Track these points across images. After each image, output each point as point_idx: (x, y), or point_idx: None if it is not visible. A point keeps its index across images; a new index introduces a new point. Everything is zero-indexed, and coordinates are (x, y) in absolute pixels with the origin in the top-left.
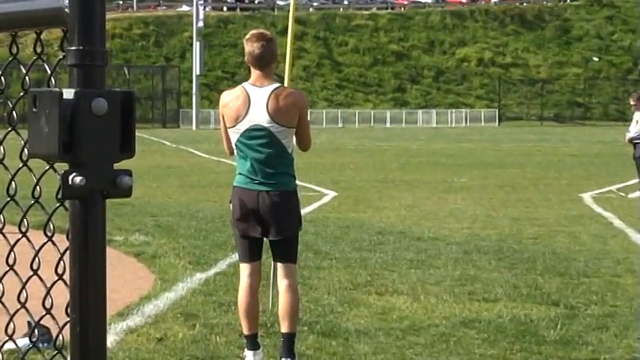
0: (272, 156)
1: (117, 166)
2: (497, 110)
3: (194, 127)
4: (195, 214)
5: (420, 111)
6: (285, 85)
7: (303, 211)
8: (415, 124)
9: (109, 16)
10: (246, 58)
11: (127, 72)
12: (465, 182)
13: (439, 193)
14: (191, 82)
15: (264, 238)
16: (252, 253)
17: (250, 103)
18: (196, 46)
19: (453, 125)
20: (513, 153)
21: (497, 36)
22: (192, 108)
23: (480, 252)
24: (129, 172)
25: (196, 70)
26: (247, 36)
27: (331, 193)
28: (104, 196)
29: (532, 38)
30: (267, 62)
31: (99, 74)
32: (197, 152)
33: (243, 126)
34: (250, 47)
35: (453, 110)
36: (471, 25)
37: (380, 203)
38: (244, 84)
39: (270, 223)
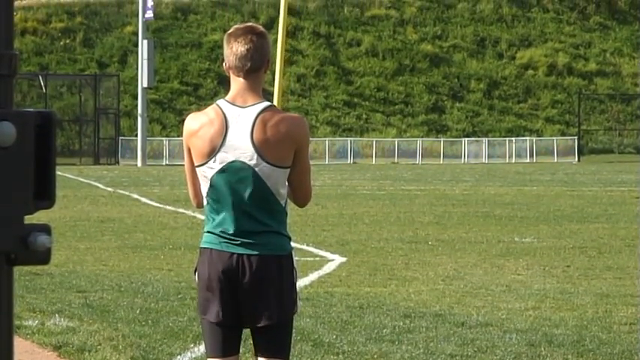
0: (257, 206)
1: (29, 219)
2: (576, 139)
3: (139, 163)
4: (141, 289)
5: (464, 140)
6: (275, 103)
7: (298, 285)
8: (458, 158)
9: (17, 3)
10: (225, 62)
11: (43, 83)
12: (531, 243)
13: (492, 259)
14: (135, 98)
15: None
16: (226, 346)
17: (228, 129)
18: (143, 46)
19: (513, 160)
20: (600, 201)
21: (575, 32)
22: (136, 135)
23: (552, 344)
24: (46, 229)
25: (143, 81)
26: (230, 30)
27: (337, 259)
28: (10, 262)
29: (626, 35)
30: (255, 67)
31: (4, 87)
32: (144, 199)
33: (218, 163)
34: (234, 45)
35: (513, 139)
36: (538, 16)
37: (407, 273)
38: (220, 101)
39: (252, 302)
